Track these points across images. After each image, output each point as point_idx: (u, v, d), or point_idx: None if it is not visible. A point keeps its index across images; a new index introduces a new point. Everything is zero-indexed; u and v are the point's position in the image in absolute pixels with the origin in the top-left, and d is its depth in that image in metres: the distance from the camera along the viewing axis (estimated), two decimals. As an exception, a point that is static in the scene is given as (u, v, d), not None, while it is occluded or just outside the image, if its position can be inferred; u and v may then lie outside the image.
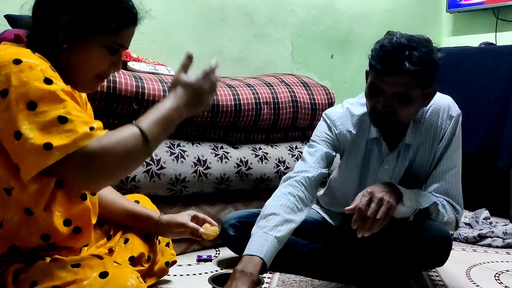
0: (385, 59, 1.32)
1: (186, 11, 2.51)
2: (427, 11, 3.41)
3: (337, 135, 1.58)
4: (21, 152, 0.91)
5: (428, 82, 1.37)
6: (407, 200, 1.37)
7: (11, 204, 0.98)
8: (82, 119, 0.94)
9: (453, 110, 1.51)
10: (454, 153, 1.51)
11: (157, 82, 1.81)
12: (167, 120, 1.04)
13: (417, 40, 1.34)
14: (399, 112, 1.37)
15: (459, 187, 1.53)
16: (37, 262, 1.00)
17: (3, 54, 0.95)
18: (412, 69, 1.29)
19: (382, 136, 1.52)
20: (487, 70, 2.51)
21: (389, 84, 1.33)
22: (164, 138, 1.06)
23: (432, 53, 1.34)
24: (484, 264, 1.84)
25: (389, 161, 1.53)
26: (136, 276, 1.02)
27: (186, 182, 1.82)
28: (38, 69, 0.94)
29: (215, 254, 1.86)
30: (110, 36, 1.04)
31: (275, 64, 2.82)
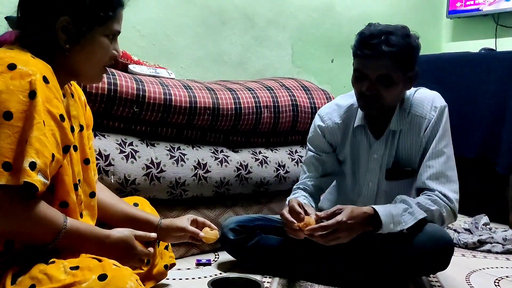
0: (364, 45, 1.43)
1: (186, 14, 2.52)
2: (427, 17, 3.42)
3: (324, 130, 1.67)
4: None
5: (408, 65, 1.46)
6: (387, 228, 1.41)
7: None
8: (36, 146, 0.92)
9: (438, 102, 1.56)
10: (441, 142, 1.53)
11: (158, 85, 1.81)
12: (86, 239, 1.05)
13: (394, 27, 1.46)
14: (383, 94, 1.46)
15: (452, 174, 1.53)
16: (35, 264, 0.99)
17: (2, 57, 0.96)
18: (389, 50, 1.40)
19: (367, 124, 1.59)
20: (486, 75, 2.52)
21: (371, 68, 1.44)
22: (75, 248, 1.06)
23: (408, 37, 1.45)
24: (484, 270, 1.83)
25: (377, 150, 1.58)
26: (135, 278, 1.01)
27: (186, 186, 1.82)
28: (27, 80, 0.93)
29: (214, 258, 1.85)
30: (108, 25, 1.06)
31: (275, 68, 2.82)
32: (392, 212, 1.42)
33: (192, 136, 1.91)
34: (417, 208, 1.45)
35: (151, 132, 1.81)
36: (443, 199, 1.49)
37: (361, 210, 1.43)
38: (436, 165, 1.51)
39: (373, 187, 1.63)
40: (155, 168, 1.74)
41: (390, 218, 1.40)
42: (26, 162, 0.91)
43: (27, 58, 0.97)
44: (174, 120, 1.83)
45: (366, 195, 1.65)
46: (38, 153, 0.93)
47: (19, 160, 0.91)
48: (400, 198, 1.49)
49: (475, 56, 2.75)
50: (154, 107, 1.76)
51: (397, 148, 1.57)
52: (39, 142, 0.93)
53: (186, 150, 1.86)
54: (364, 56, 1.43)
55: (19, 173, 0.91)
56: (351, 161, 1.67)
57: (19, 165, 0.91)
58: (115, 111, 1.70)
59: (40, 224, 0.97)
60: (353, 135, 1.63)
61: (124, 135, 1.74)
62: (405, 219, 1.42)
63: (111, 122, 1.72)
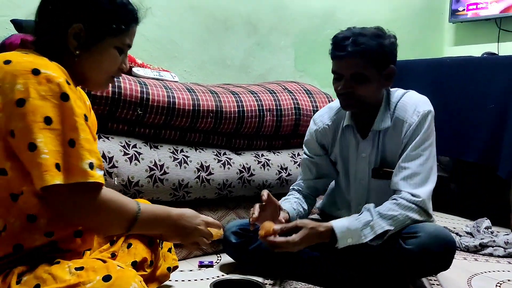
0: (336, 47, 1.52)
1: (191, 19, 2.54)
2: (429, 21, 3.43)
3: (316, 132, 1.74)
4: (34, 163, 0.93)
5: (382, 63, 1.52)
6: (344, 243, 1.45)
7: (15, 210, 1.00)
8: (87, 147, 0.97)
9: (421, 107, 1.57)
10: (420, 146, 1.54)
11: (162, 88, 1.82)
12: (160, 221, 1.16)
13: (367, 29, 1.53)
14: (358, 91, 1.52)
15: (427, 175, 1.53)
16: (40, 264, 1.00)
17: (21, 62, 0.96)
18: (356, 49, 1.47)
19: (355, 124, 1.64)
20: (488, 80, 2.52)
21: (344, 67, 1.51)
22: (148, 231, 1.21)
23: (378, 37, 1.50)
24: (486, 274, 1.83)
25: (365, 149, 1.63)
26: (139, 280, 1.02)
27: (188, 188, 1.83)
28: (56, 83, 0.95)
29: (217, 260, 1.86)
30: (120, 38, 1.08)
31: (278, 72, 2.84)
32: (350, 227, 1.45)
33: (195, 138, 1.92)
34: (379, 220, 1.46)
35: (154, 134, 1.82)
36: (409, 199, 1.49)
37: (317, 230, 1.45)
38: (411, 167, 1.52)
39: (364, 184, 1.66)
40: (158, 170, 1.75)
41: (347, 233, 1.45)
42: (86, 164, 0.95)
43: (46, 62, 0.98)
44: (177, 123, 1.84)
45: (358, 193, 1.68)
46: (90, 152, 0.97)
47: (68, 160, 0.94)
48: (367, 207, 1.51)
49: (477, 60, 2.76)
50: (158, 110, 1.78)
51: (384, 148, 1.61)
52: (87, 142, 0.97)
53: (189, 152, 1.87)
54: (337, 57, 1.52)
55: (72, 172, 0.94)
56: (341, 160, 1.72)
57: (69, 165, 0.94)
58: (119, 113, 1.72)
59: (114, 213, 1.04)
60: (342, 135, 1.69)
61: (128, 137, 1.76)
62: (365, 232, 1.46)
63: (115, 124, 1.73)
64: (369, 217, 1.47)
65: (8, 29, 1.96)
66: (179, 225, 1.19)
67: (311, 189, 1.79)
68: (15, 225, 1.00)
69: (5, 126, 0.94)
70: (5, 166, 0.97)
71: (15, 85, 0.93)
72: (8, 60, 0.97)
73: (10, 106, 0.93)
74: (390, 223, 1.46)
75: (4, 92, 0.94)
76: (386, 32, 1.55)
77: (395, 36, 1.57)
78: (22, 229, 1.01)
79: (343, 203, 1.76)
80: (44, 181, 0.91)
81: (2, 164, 0.97)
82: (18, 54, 0.99)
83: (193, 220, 1.22)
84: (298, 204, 1.71)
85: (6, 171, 0.97)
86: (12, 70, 0.95)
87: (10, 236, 1.00)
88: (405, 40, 3.42)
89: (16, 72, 0.94)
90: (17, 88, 0.93)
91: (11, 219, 1.00)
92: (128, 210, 1.05)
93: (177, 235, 1.21)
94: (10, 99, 0.93)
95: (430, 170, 1.54)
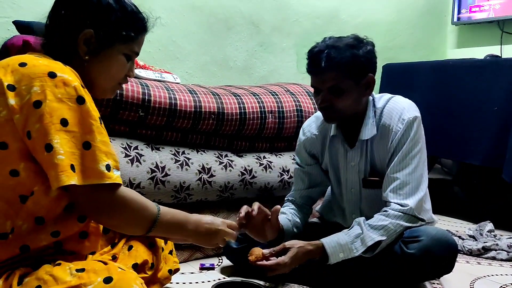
0: (311, 62, 1.53)
1: (193, 20, 2.54)
2: (432, 23, 3.42)
3: (305, 142, 1.75)
4: (50, 163, 0.94)
5: (358, 73, 1.51)
6: (336, 258, 1.47)
7: (23, 213, 1.00)
8: (103, 149, 0.98)
9: (406, 114, 1.55)
10: (408, 155, 1.53)
11: (163, 89, 1.82)
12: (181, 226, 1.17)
13: (342, 39, 1.52)
14: (336, 104, 1.52)
15: (417, 184, 1.52)
16: (42, 266, 1.00)
17: (37, 65, 0.97)
18: (328, 64, 1.47)
19: (342, 133, 1.65)
20: (491, 82, 2.51)
21: (320, 82, 1.52)
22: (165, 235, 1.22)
23: (352, 48, 1.49)
24: (489, 277, 1.82)
25: (353, 158, 1.63)
26: (140, 282, 1.01)
27: (190, 190, 1.82)
28: (72, 86, 0.97)
29: (218, 263, 1.85)
30: (128, 45, 1.10)
31: (280, 73, 2.84)
32: (341, 242, 1.46)
33: (197, 140, 1.92)
34: (369, 232, 1.46)
35: (156, 136, 1.82)
36: (398, 209, 1.49)
37: (306, 249, 1.47)
38: (399, 177, 1.52)
39: (355, 193, 1.67)
40: (159, 172, 1.75)
41: (338, 248, 1.46)
42: (103, 166, 0.97)
43: (61, 66, 1.00)
44: (179, 125, 1.84)
45: (351, 201, 1.69)
46: (107, 155, 0.99)
47: (83, 162, 0.96)
48: (357, 220, 1.51)
49: (480, 62, 2.75)
50: (160, 112, 1.77)
51: (372, 156, 1.61)
52: (103, 144, 0.99)
53: (191, 154, 1.87)
54: (312, 72, 1.54)
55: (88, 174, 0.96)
56: (332, 170, 1.72)
57: (85, 167, 0.96)
58: (121, 115, 1.72)
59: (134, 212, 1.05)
60: (330, 144, 1.69)
61: (129, 139, 1.75)
62: (356, 245, 1.46)
63: (116, 126, 1.73)
64: (359, 230, 1.48)
65: (10, 31, 1.96)
66: (201, 229, 1.20)
67: (305, 199, 1.78)
68: (23, 227, 1.01)
69: (22, 128, 0.95)
70: (18, 167, 0.98)
71: (32, 88, 0.95)
72: (23, 62, 0.98)
73: (27, 108, 0.94)
74: (382, 233, 1.46)
75: (21, 94, 0.95)
76: (362, 41, 1.53)
77: (373, 43, 1.55)
78: (30, 231, 1.02)
79: (338, 210, 1.77)
80: (60, 181, 0.93)
81: (15, 165, 0.98)
82: (32, 57, 1.01)
83: (214, 222, 1.23)
84: (292, 215, 1.71)
85: (19, 172, 0.98)
86: (28, 72, 0.96)
87: (17, 239, 1.01)
88: (408, 42, 3.44)
89: (33, 75, 0.95)
90: (34, 90, 0.94)
91: (19, 222, 1.00)
92: (149, 211, 1.07)
93: (200, 240, 1.22)
94: (27, 101, 0.94)
95: (420, 178, 1.53)
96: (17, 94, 0.95)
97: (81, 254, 1.13)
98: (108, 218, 1.03)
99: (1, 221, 1.00)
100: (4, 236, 1.00)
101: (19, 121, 0.95)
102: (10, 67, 0.98)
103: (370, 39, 1.56)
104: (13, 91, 0.95)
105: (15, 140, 0.96)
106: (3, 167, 0.98)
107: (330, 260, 1.47)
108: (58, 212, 1.03)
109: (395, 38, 3.23)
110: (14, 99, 0.95)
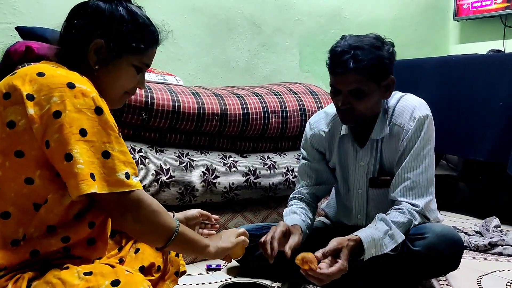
0: (334, 62, 1.48)
1: (194, 21, 2.54)
2: (434, 19, 3.41)
3: (312, 138, 1.71)
4: (70, 173, 0.95)
5: (380, 75, 1.48)
6: (369, 254, 1.43)
7: (36, 221, 1.01)
8: (122, 159, 0.99)
9: (418, 112, 1.54)
10: (420, 154, 1.52)
11: (166, 92, 1.82)
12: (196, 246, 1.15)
13: (364, 39, 1.48)
14: (357, 106, 1.49)
15: (427, 186, 1.53)
16: (50, 270, 1.01)
17: (56, 75, 0.98)
18: (357, 66, 1.43)
19: (352, 133, 1.62)
20: (495, 77, 2.50)
21: (342, 83, 1.48)
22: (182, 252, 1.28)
23: (377, 49, 1.46)
24: (495, 273, 1.82)
25: (363, 157, 1.61)
26: (148, 284, 1.02)
27: (195, 192, 1.83)
28: (90, 97, 0.98)
29: (224, 263, 1.85)
30: (138, 56, 1.11)
31: (283, 73, 2.83)
32: (374, 237, 1.43)
33: (201, 142, 1.92)
34: (396, 228, 1.46)
35: (160, 138, 1.82)
36: (410, 208, 1.49)
37: (350, 245, 1.41)
38: (411, 177, 1.51)
39: (362, 194, 1.65)
40: (164, 174, 1.75)
41: (372, 244, 1.43)
42: (122, 175, 0.98)
43: (78, 76, 1.01)
44: (182, 127, 1.84)
45: (357, 202, 1.67)
46: (125, 164, 0.99)
47: (103, 171, 0.96)
48: (381, 217, 1.49)
49: (483, 58, 2.74)
50: (163, 114, 1.78)
51: (381, 156, 1.59)
52: (122, 154, 1.00)
53: (195, 156, 1.87)
54: (335, 73, 1.49)
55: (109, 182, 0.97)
56: (340, 169, 1.70)
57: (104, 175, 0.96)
58: (124, 118, 1.72)
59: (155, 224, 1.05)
60: (340, 143, 1.66)
61: (133, 142, 1.76)
62: (385, 242, 1.44)
63: (120, 129, 1.73)
64: (386, 226, 1.46)
65: (13, 36, 1.97)
66: (219, 249, 1.20)
67: (312, 196, 1.74)
68: (34, 235, 1.02)
69: (41, 137, 0.96)
70: (34, 175, 0.99)
71: (51, 98, 0.95)
72: (41, 72, 0.99)
73: (46, 118, 0.95)
74: (403, 229, 1.47)
75: (41, 103, 0.96)
76: (384, 41, 1.51)
77: (393, 43, 1.53)
78: (41, 238, 1.03)
79: (344, 210, 1.75)
80: (80, 190, 0.94)
81: (31, 173, 0.99)
82: (49, 67, 1.02)
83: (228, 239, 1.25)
84: (305, 215, 1.65)
85: (34, 180, 0.99)
86: (47, 82, 0.97)
87: (28, 245, 1.02)
88: (410, 39, 3.43)
89: (52, 85, 0.96)
90: (53, 101, 0.95)
91: (31, 229, 1.01)
92: (168, 225, 1.07)
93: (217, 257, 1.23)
94: (47, 111, 0.95)
95: (430, 179, 1.53)
96: (36, 104, 0.96)
97: (88, 259, 1.13)
98: (133, 222, 1.03)
99: (14, 229, 1.01)
100: (16, 243, 1.01)
101: (38, 130, 0.96)
102: (28, 77, 0.98)
103: (389, 39, 1.53)
104: (32, 101, 0.96)
105: (32, 149, 0.97)
106: (19, 175, 0.99)
107: (365, 256, 1.42)
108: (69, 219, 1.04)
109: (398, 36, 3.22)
110: (33, 109, 0.96)
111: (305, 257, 1.36)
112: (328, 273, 1.35)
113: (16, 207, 1.00)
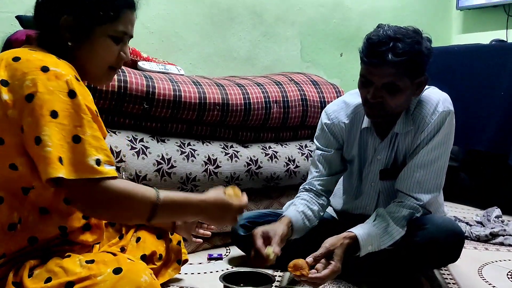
0: (371, 52, 1.38)
1: (195, 11, 2.52)
2: (437, 9, 3.39)
3: (330, 127, 1.64)
4: (39, 156, 0.93)
5: (417, 72, 1.41)
6: (365, 251, 1.41)
7: (27, 204, 1.01)
8: (94, 144, 0.96)
9: (442, 106, 1.49)
10: (437, 149, 1.49)
11: (167, 81, 1.82)
12: (183, 208, 1.08)
13: (404, 32, 1.39)
14: (388, 101, 1.42)
15: (436, 184, 1.51)
16: (52, 258, 1.02)
17: (31, 59, 0.97)
18: (396, 60, 1.35)
19: (374, 126, 1.56)
20: (498, 67, 2.49)
21: (377, 75, 1.39)
22: (171, 219, 1.19)
23: (417, 44, 1.39)
24: (497, 263, 1.82)
25: (381, 151, 1.57)
26: (149, 272, 1.02)
27: (196, 181, 1.83)
28: (64, 80, 0.96)
29: (226, 253, 1.86)
30: (111, 25, 1.06)
31: (284, 63, 2.82)
32: (371, 234, 1.42)
33: (202, 131, 1.92)
34: (394, 225, 1.44)
35: (161, 128, 1.82)
36: (413, 202, 1.48)
37: (345, 244, 1.39)
38: (423, 172, 1.48)
39: (375, 187, 1.63)
40: (166, 164, 1.75)
41: (369, 241, 1.41)
42: (92, 161, 0.95)
43: (55, 60, 0.99)
44: (184, 116, 1.84)
45: (368, 194, 1.65)
46: (97, 149, 0.96)
47: (73, 156, 0.94)
48: (379, 212, 1.47)
49: (486, 48, 2.73)
50: (164, 104, 1.77)
51: (397, 149, 1.56)
52: (94, 139, 0.97)
53: (197, 145, 1.87)
54: (370, 63, 1.39)
55: (78, 168, 0.93)
56: (358, 162, 1.65)
57: (74, 160, 0.93)
58: (126, 108, 1.72)
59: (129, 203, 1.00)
60: (360, 136, 1.61)
61: (134, 131, 1.76)
62: (383, 239, 1.43)
63: (121, 119, 1.73)
64: (384, 222, 1.44)
65: (13, 25, 1.96)
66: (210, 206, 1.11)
67: (324, 187, 1.66)
68: (29, 218, 1.02)
69: (17, 123, 0.95)
70: (16, 162, 0.98)
71: (24, 82, 0.94)
72: (17, 57, 0.98)
73: (20, 102, 0.94)
74: (403, 224, 1.45)
75: (14, 89, 0.95)
76: (422, 36, 1.41)
77: (431, 39, 1.45)
78: (37, 222, 1.03)
79: (353, 202, 1.70)
80: (47, 174, 0.92)
81: (14, 159, 0.98)
82: (26, 51, 1.00)
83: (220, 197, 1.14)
84: (305, 206, 1.59)
85: (17, 166, 0.99)
86: (22, 67, 0.96)
87: (26, 229, 1.02)
88: (412, 28, 3.41)
89: (26, 69, 0.95)
90: (26, 84, 0.94)
91: (25, 213, 1.02)
92: (146, 199, 1.01)
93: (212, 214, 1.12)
94: (20, 95, 0.94)
95: (441, 177, 1.51)
96: (10, 90, 0.95)
97: (87, 244, 1.14)
98: (102, 212, 1.01)
99: (9, 212, 1.01)
100: (13, 226, 1.01)
101: (13, 116, 0.95)
102: (4, 62, 0.98)
103: (427, 34, 1.44)
104: (6, 87, 0.95)
105: (12, 135, 0.96)
106: (3, 161, 0.98)
107: (361, 252, 1.41)
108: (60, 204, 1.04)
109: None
110: (7, 94, 0.95)
111: (296, 264, 1.35)
112: (321, 276, 1.33)
113: (7, 191, 1.00)
